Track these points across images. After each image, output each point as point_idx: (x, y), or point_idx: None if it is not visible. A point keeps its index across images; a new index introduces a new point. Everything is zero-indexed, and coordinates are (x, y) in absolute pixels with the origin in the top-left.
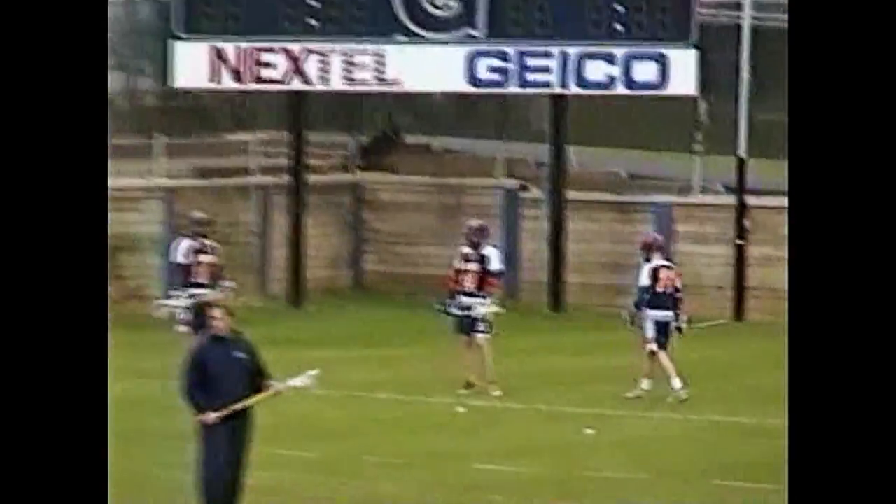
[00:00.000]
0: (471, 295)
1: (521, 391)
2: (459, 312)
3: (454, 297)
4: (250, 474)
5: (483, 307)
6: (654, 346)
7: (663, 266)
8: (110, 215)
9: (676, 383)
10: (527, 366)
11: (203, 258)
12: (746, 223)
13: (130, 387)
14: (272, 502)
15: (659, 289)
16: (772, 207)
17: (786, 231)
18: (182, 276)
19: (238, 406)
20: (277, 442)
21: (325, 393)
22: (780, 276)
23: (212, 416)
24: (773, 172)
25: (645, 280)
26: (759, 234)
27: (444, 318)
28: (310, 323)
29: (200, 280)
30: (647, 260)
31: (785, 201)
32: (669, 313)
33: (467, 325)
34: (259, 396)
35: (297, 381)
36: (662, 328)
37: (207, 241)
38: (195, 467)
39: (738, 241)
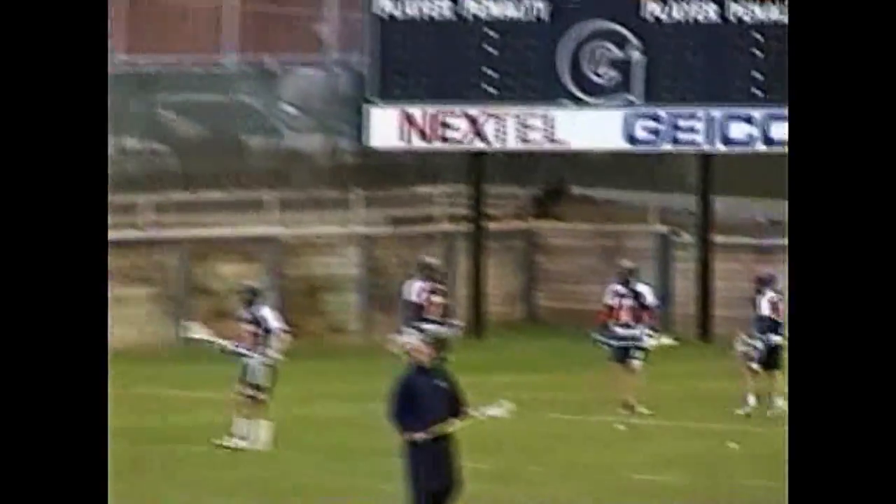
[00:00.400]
0: (627, 326)
1: (673, 410)
2: (616, 343)
3: (608, 328)
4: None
5: (652, 339)
6: (756, 366)
7: (780, 299)
8: (313, 259)
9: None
10: (678, 388)
11: (434, 298)
12: None
13: (331, 408)
14: None
15: (778, 318)
16: None
17: None
18: (415, 314)
19: (440, 431)
20: (462, 455)
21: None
22: None
23: (416, 436)
24: None
25: (766, 310)
26: None
27: (604, 347)
28: (490, 351)
29: (432, 317)
30: (759, 292)
31: None
32: (780, 338)
33: (624, 353)
34: (459, 423)
35: (493, 411)
36: (775, 350)
37: (438, 284)
38: (405, 481)
39: None
